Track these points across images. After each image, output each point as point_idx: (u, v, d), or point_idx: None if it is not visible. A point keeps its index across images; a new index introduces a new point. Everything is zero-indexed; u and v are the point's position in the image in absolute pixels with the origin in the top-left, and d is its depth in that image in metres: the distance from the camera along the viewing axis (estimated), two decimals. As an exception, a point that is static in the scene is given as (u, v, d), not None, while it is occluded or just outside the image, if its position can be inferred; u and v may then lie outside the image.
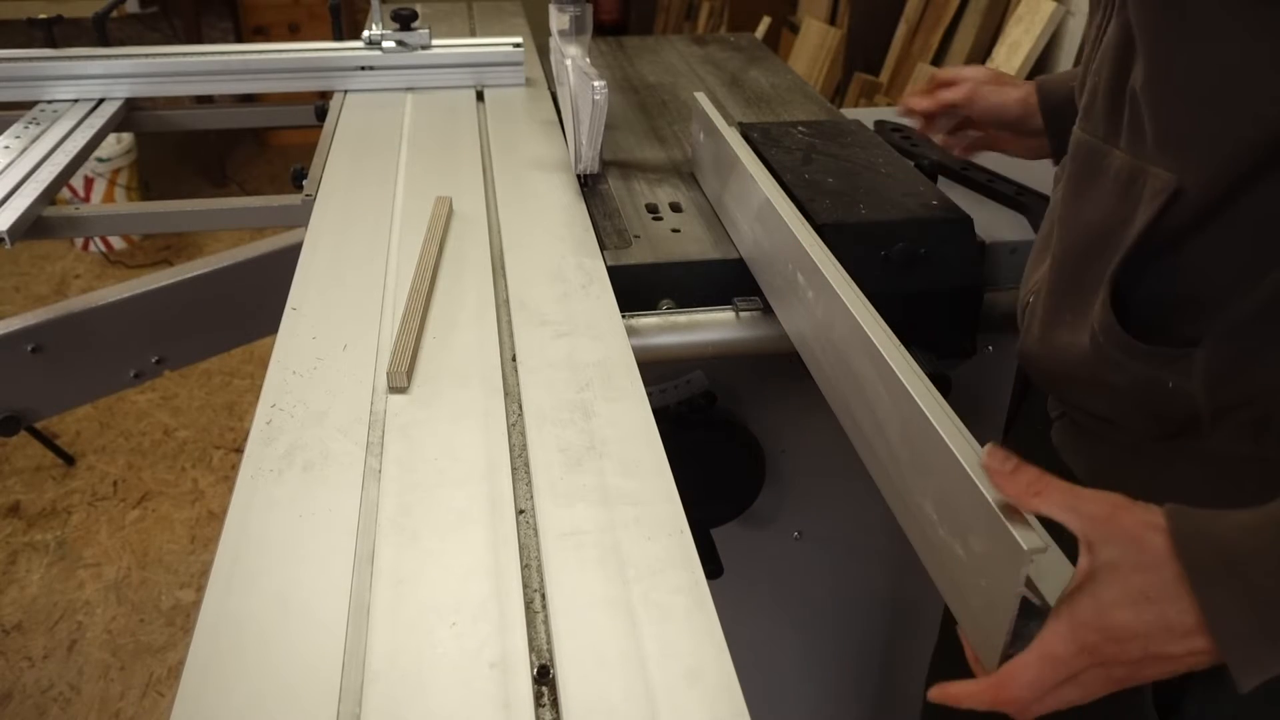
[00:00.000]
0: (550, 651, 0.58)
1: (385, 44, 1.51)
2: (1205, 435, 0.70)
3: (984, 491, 0.59)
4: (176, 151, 4.19)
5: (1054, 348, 0.78)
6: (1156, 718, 0.74)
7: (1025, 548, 0.54)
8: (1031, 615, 0.59)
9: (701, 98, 1.17)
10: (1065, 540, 0.59)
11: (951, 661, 1.11)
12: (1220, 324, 0.67)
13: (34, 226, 1.16)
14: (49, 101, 1.46)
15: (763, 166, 1.01)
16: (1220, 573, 0.53)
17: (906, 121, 1.16)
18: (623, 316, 0.92)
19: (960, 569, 0.62)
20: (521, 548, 0.65)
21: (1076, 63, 0.99)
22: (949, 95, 1.06)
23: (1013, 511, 0.57)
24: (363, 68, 1.51)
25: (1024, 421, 1.01)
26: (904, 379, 0.68)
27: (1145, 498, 0.63)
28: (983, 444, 0.63)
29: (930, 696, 0.61)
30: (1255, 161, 0.62)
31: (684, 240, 1.07)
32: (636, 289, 1.00)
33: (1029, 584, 0.57)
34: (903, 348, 0.71)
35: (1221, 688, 0.59)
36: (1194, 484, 0.72)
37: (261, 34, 4.04)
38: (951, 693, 0.60)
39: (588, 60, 1.18)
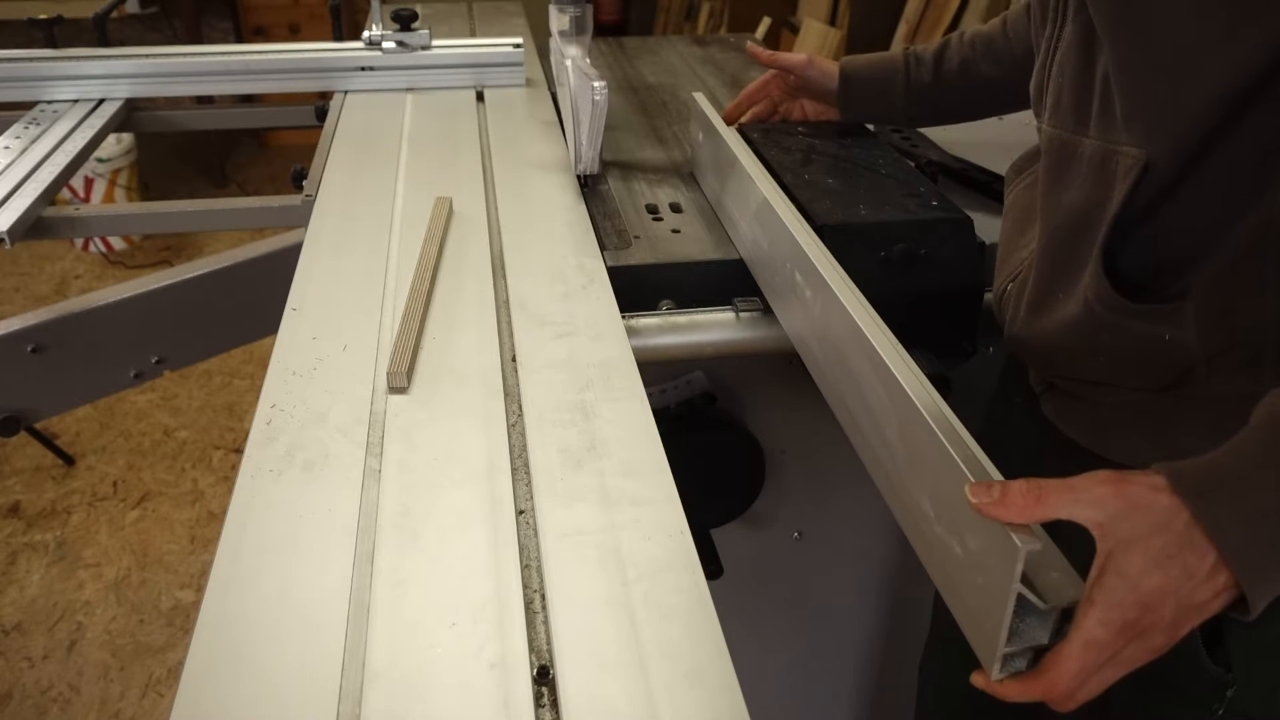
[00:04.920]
0: (550, 652, 0.58)
1: (385, 44, 1.51)
2: (1203, 381, 0.75)
3: None
4: (176, 151, 4.19)
5: (1046, 326, 0.83)
6: (1204, 651, 0.77)
7: (1020, 544, 0.55)
8: (1028, 612, 0.59)
9: (700, 98, 1.17)
10: (1060, 536, 0.60)
11: (945, 648, 1.12)
12: (1204, 274, 0.73)
13: (34, 227, 1.16)
14: (49, 102, 1.46)
15: (762, 167, 1.01)
16: (1218, 494, 0.57)
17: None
18: (623, 317, 0.92)
19: (957, 566, 0.63)
20: (521, 548, 0.66)
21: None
22: (788, 59, 1.24)
23: None
24: (363, 68, 1.51)
25: (1001, 398, 1.05)
26: (901, 379, 0.68)
27: (1154, 449, 0.66)
28: (980, 442, 0.64)
29: (973, 682, 0.62)
30: (1213, 126, 0.68)
31: (684, 241, 1.07)
32: (636, 289, 1.00)
33: (1025, 580, 0.57)
34: (901, 348, 0.72)
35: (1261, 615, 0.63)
36: (1199, 428, 0.76)
37: (261, 34, 4.03)
38: (997, 689, 0.61)
39: (588, 61, 1.18)
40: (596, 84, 1.10)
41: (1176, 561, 0.57)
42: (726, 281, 1.03)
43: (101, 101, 1.47)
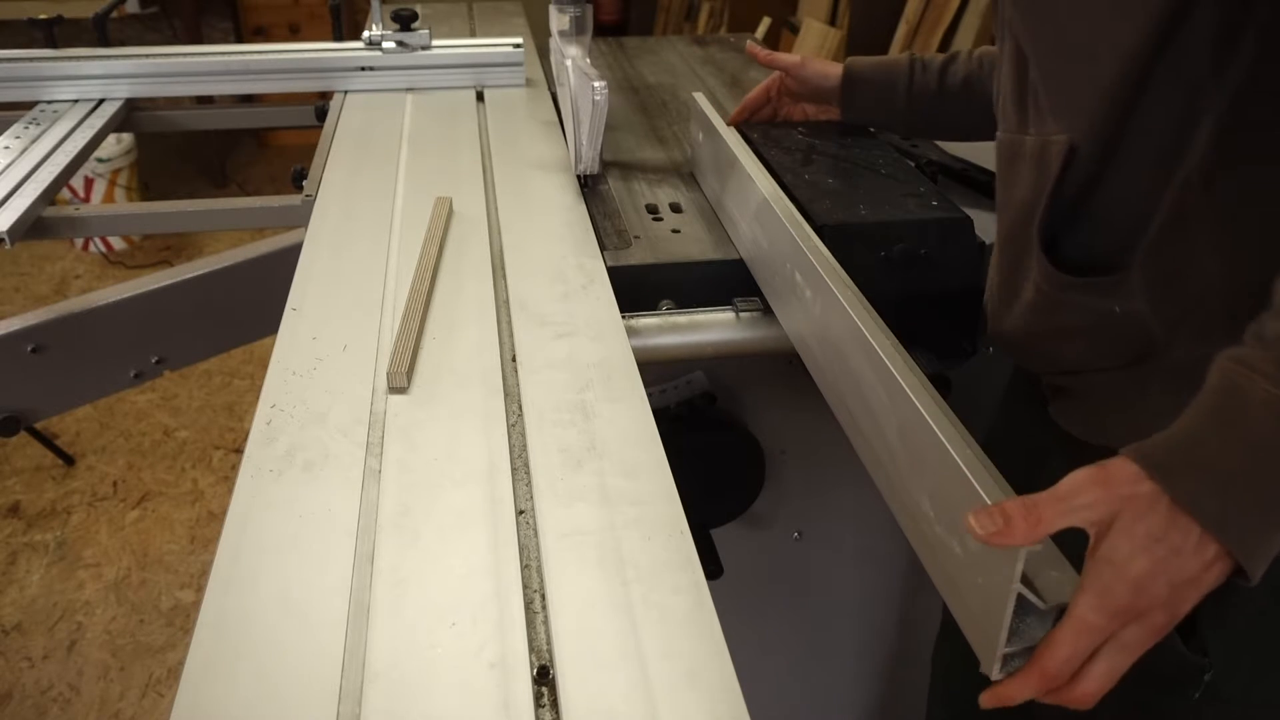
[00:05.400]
0: (550, 652, 0.58)
1: (385, 44, 1.52)
2: (1164, 351, 0.77)
3: (980, 490, 0.59)
4: (176, 151, 4.19)
5: (1015, 316, 0.86)
6: (1179, 639, 0.77)
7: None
8: (1028, 612, 0.59)
9: (700, 98, 1.17)
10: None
11: (952, 643, 1.12)
12: (1141, 246, 0.76)
13: (34, 227, 1.16)
14: (49, 102, 1.46)
15: (762, 167, 1.01)
16: (1182, 466, 0.58)
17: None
18: (623, 317, 0.92)
19: (957, 567, 0.63)
20: (521, 548, 0.66)
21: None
22: (784, 59, 1.24)
23: None
24: (363, 68, 1.51)
25: (1009, 402, 1.07)
26: (901, 379, 0.68)
27: (1147, 429, 0.67)
28: (980, 442, 0.64)
29: (983, 703, 0.62)
30: (1123, 102, 0.73)
31: (684, 241, 1.07)
32: (636, 289, 1.00)
33: (1025, 580, 0.58)
34: (900, 347, 0.72)
35: (1229, 598, 0.63)
36: (1176, 400, 0.77)
37: (261, 34, 4.03)
38: (999, 693, 0.61)
39: (588, 61, 1.18)
40: (596, 84, 1.10)
41: (1163, 543, 0.57)
42: (726, 281, 1.03)
43: (101, 101, 1.47)
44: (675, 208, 1.16)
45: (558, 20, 1.25)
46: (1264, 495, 0.57)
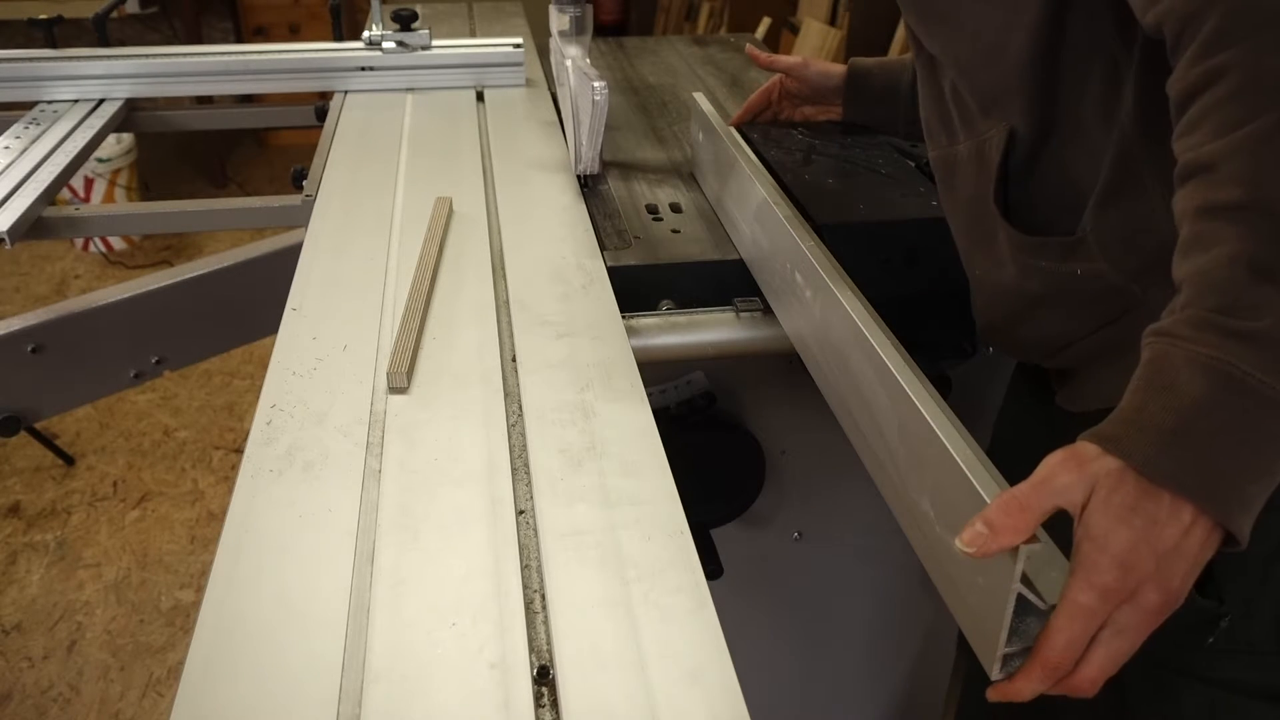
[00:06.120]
0: (550, 652, 0.58)
1: (385, 44, 1.52)
2: (1144, 301, 0.78)
3: (980, 489, 0.59)
4: (176, 151, 4.19)
5: (991, 304, 0.89)
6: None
7: (1020, 544, 0.55)
8: (1028, 612, 0.59)
9: (700, 98, 1.17)
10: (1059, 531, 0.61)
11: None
12: (1091, 208, 0.79)
13: (34, 227, 1.16)
14: (49, 102, 1.46)
15: (762, 167, 1.01)
16: (1132, 435, 0.57)
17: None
18: (623, 317, 0.92)
19: (957, 567, 0.63)
20: (521, 548, 0.66)
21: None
22: (785, 61, 1.27)
23: None
24: (363, 68, 1.51)
25: (1012, 400, 1.08)
26: (900, 378, 0.68)
27: None
28: (980, 442, 0.64)
29: (990, 697, 0.62)
30: (1045, 77, 0.77)
31: (684, 241, 1.07)
32: (636, 289, 1.00)
33: (1025, 580, 0.58)
34: (900, 347, 0.72)
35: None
36: None
37: (261, 34, 4.03)
38: (1005, 690, 0.61)
39: (588, 61, 1.18)
40: (596, 84, 1.10)
41: (1138, 512, 0.56)
42: (726, 281, 1.03)
43: (101, 101, 1.47)
44: (675, 208, 1.16)
45: (558, 20, 1.25)
46: (1215, 446, 0.56)
